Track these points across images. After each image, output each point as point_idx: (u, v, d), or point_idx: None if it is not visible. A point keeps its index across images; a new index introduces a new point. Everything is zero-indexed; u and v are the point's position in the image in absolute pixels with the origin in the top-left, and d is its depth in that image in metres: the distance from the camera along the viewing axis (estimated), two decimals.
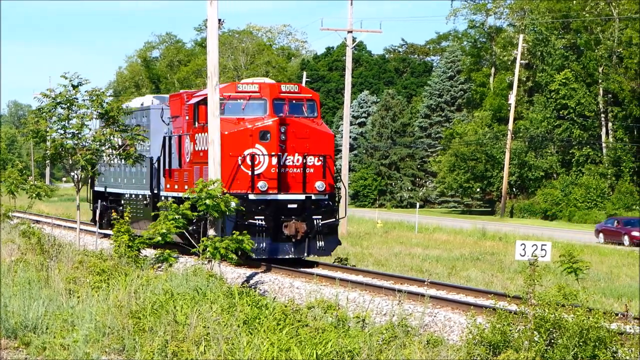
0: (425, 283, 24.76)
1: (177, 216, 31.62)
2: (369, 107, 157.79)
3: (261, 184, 27.05)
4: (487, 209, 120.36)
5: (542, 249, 26.18)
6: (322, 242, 27.28)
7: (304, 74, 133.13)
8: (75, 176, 41.66)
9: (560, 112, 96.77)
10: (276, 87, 29.08)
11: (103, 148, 40.95)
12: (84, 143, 39.25)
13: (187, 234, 32.77)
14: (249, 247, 31.02)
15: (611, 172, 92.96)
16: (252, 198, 27.02)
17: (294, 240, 26.96)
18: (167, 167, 33.04)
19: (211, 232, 34.34)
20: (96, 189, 43.07)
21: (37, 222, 46.40)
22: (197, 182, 29.44)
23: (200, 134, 29.75)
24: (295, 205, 27.19)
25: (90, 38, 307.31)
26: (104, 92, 40.17)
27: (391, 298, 23.16)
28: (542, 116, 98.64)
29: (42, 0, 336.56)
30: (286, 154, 27.29)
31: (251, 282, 27.87)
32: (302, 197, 27.32)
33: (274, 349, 16.03)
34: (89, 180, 43.39)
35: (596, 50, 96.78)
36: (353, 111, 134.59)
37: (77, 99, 38.43)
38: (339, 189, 29.62)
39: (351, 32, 63.17)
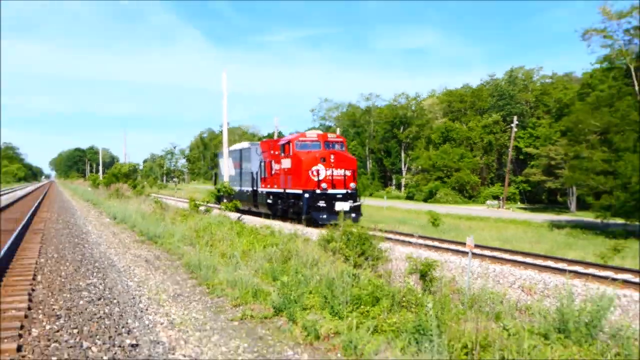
0: (304, 218, 24.81)
1: (212, 194, 31.31)
2: None
3: (323, 185, 24.47)
4: None
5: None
6: (354, 214, 24.44)
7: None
8: (175, 180, 41.53)
9: None
10: (325, 135, 26.67)
11: (185, 170, 41.27)
12: (177, 168, 39.04)
13: (217, 200, 32.19)
14: (240, 206, 30.74)
15: (370, 177, 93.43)
16: (318, 192, 24.50)
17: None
18: (262, 176, 30.30)
19: (225, 200, 33.90)
20: (216, 187, 38.44)
21: (160, 197, 45.36)
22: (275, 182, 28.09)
23: (284, 159, 26.83)
24: (341, 195, 24.77)
25: (179, 130, 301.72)
26: (184, 150, 40.18)
27: (292, 224, 23.10)
28: None
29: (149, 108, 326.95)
30: (334, 169, 24.85)
31: (241, 218, 27.58)
32: (344, 191, 24.94)
33: (248, 243, 15.87)
34: (214, 182, 39.85)
35: (366, 133, 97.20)
36: None
37: (174, 152, 38.31)
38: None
39: (277, 127, 62.78)
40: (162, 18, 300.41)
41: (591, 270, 14.17)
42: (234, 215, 28.67)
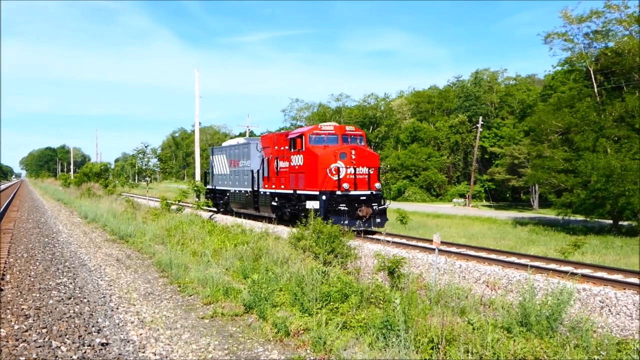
0: (274, 218, 24.44)
1: (182, 193, 30.92)
2: None
3: (345, 185, 20.47)
4: None
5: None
6: (379, 219, 21.08)
7: None
8: (147, 179, 40.98)
9: None
10: (343, 128, 22.46)
11: (157, 169, 40.83)
12: (149, 167, 38.57)
13: (191, 200, 31.17)
14: (211, 204, 30.32)
15: None
16: (338, 194, 20.53)
17: (364, 219, 20.58)
18: (264, 175, 25.57)
19: (196, 199, 33.52)
20: (208, 187, 33.13)
21: (132, 196, 44.79)
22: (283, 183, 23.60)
23: (294, 156, 22.66)
24: (364, 198, 20.88)
25: (151, 130, 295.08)
26: (155, 149, 39.67)
27: (262, 222, 22.93)
28: None
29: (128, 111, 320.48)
30: (356, 166, 20.91)
31: (212, 217, 27.37)
32: (368, 192, 21.00)
33: (219, 241, 15.76)
34: (204, 182, 34.58)
35: None
36: None
37: (146, 151, 37.81)
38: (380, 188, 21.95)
39: (248, 126, 62.59)
40: (135, 19, 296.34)
41: (552, 266, 14.38)
42: (206, 214, 28.49)
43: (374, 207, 21.01)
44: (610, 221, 33.05)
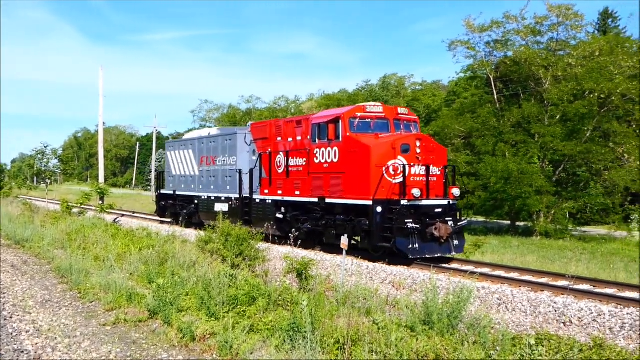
0: (181, 220, 23.79)
1: (84, 195, 29.57)
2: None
3: (415, 192, 14.05)
4: None
5: None
6: (457, 241, 14.95)
7: (138, 145, 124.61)
8: (47, 181, 39.01)
9: None
10: (395, 110, 16.19)
11: (57, 171, 38.96)
12: (48, 169, 36.82)
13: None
14: (115, 207, 29.16)
15: None
16: (404, 204, 14.11)
17: (442, 240, 14.39)
18: (262, 177, 19.20)
19: (99, 202, 32.22)
20: (163, 192, 26.32)
21: (30, 199, 42.50)
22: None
23: (321, 149, 16.23)
24: (440, 210, 14.79)
25: (53, 128, 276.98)
26: (56, 150, 37.90)
27: (167, 226, 22.37)
28: None
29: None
30: (427, 164, 14.78)
31: (117, 221, 26.39)
32: (445, 202, 15.03)
33: (123, 246, 15.26)
34: (156, 186, 29.06)
35: None
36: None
37: (45, 152, 36.07)
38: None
39: (155, 127, 61.01)
40: (31, 13, 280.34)
41: (455, 265, 14.92)
42: (110, 217, 27.51)
43: (450, 224, 14.92)
44: (508, 222, 34.79)
